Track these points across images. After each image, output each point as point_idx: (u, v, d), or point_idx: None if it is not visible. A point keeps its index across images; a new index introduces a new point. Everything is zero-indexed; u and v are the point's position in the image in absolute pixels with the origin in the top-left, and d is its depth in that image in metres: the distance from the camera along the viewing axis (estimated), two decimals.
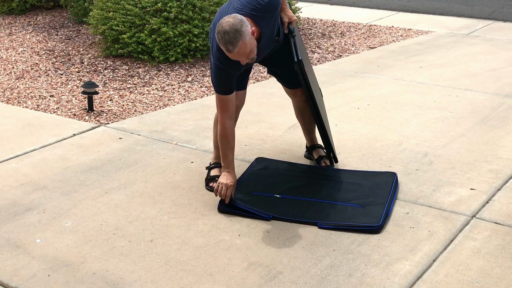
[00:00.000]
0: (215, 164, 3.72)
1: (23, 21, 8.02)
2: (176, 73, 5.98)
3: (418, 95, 5.35)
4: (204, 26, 6.28)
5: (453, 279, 2.79)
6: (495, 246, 3.05)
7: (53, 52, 6.64)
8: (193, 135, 4.44)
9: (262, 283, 2.76)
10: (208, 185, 3.63)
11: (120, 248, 3.02)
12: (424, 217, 3.32)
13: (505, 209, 3.41)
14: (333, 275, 2.82)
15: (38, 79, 5.78)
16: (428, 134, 4.47)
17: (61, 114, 4.91)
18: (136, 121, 4.73)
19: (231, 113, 3.37)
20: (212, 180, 3.63)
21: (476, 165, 3.96)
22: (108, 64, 6.20)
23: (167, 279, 2.78)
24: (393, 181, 3.62)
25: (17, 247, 3.02)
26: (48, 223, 3.24)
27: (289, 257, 2.95)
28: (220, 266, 2.88)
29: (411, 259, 2.94)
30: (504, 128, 4.61)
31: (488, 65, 6.40)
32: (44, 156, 4.06)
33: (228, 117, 3.36)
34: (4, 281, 2.76)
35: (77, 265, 2.88)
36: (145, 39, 6.12)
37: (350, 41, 7.48)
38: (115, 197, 3.52)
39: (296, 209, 3.36)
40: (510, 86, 5.66)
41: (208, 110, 4.97)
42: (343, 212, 3.35)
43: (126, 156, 4.06)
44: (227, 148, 3.40)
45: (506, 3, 10.01)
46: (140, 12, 6.21)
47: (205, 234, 3.15)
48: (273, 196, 3.51)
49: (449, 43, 7.41)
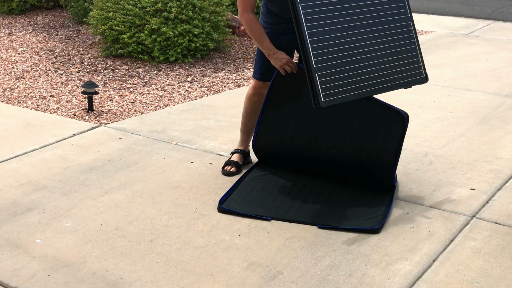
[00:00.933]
0: (236, 150, 3.90)
1: (23, 21, 8.02)
2: (176, 73, 5.98)
3: (418, 95, 5.35)
4: (204, 26, 6.28)
5: (453, 279, 2.79)
6: (495, 246, 3.05)
7: (53, 52, 6.64)
8: (193, 135, 4.44)
9: (262, 283, 2.76)
10: (223, 168, 3.82)
11: (120, 248, 3.02)
12: (424, 217, 3.32)
13: (505, 209, 3.41)
14: (333, 275, 2.82)
15: (38, 79, 5.78)
16: (428, 134, 4.47)
17: (61, 114, 4.91)
18: (136, 121, 4.73)
19: (252, 7, 3.54)
20: (229, 164, 3.82)
21: (476, 165, 3.96)
22: (108, 64, 6.20)
23: (167, 279, 2.78)
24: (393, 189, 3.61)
25: (17, 247, 3.02)
26: (48, 223, 3.24)
27: (289, 257, 2.95)
28: (220, 266, 2.88)
29: (411, 259, 2.94)
30: (504, 128, 4.61)
31: (488, 65, 6.40)
32: (44, 156, 4.06)
33: (250, 10, 3.53)
34: (4, 281, 2.76)
35: (77, 265, 2.88)
36: (145, 39, 6.12)
37: None
38: (115, 197, 3.52)
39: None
40: (510, 86, 5.67)
41: (208, 110, 4.98)
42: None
43: (126, 156, 4.06)
44: (261, 34, 3.50)
45: (506, 3, 10.01)
46: (140, 12, 6.21)
47: (205, 234, 3.15)
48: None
49: (449, 43, 7.41)
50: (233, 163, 3.83)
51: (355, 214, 3.32)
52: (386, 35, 3.40)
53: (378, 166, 3.51)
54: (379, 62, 3.35)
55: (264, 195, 3.52)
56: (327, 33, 3.21)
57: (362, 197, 3.49)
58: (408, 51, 3.47)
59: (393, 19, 3.45)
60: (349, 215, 3.32)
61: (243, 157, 3.89)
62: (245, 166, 3.90)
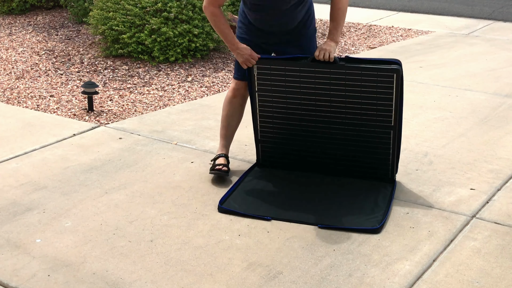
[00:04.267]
0: (220, 154, 3.78)
1: (23, 21, 8.02)
2: (176, 73, 5.98)
3: (418, 95, 5.35)
4: (204, 26, 6.28)
5: (453, 279, 2.79)
6: (495, 246, 3.05)
7: (53, 52, 6.64)
8: (193, 135, 4.44)
9: (262, 283, 2.76)
10: (213, 170, 3.68)
11: (120, 248, 3.02)
12: (424, 217, 3.32)
13: (505, 209, 3.41)
14: (333, 275, 2.82)
15: (38, 79, 5.78)
16: (428, 134, 4.47)
17: (61, 114, 4.91)
18: (136, 121, 4.73)
19: (220, 3, 3.43)
20: (219, 165, 3.69)
21: (476, 165, 3.96)
22: (108, 64, 6.20)
23: (167, 279, 2.78)
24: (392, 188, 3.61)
25: (17, 247, 3.02)
26: (48, 223, 3.24)
27: (289, 257, 2.95)
28: (220, 266, 2.88)
29: (411, 259, 2.94)
30: (504, 128, 4.60)
31: (488, 65, 6.40)
32: (44, 156, 4.06)
33: (217, 5, 3.42)
34: (4, 281, 2.76)
35: (77, 265, 2.88)
36: (145, 39, 6.12)
37: (350, 41, 7.48)
38: (115, 197, 3.52)
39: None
40: (510, 86, 5.66)
41: (208, 110, 4.98)
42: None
43: (126, 156, 4.06)
44: (225, 28, 3.44)
45: (506, 3, 10.01)
46: (140, 12, 6.21)
47: (205, 234, 3.15)
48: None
49: (449, 43, 7.41)
50: (223, 165, 3.70)
51: (355, 214, 3.32)
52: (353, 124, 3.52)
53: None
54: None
55: (264, 195, 3.52)
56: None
57: (362, 197, 3.49)
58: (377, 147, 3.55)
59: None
60: (349, 215, 3.32)
61: (228, 161, 3.78)
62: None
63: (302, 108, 3.58)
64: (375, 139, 3.54)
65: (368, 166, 3.64)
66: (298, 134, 3.68)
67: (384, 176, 3.63)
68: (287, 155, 3.78)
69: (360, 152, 3.61)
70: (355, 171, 3.68)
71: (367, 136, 3.55)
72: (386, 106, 3.43)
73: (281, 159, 3.80)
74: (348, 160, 3.66)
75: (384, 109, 3.44)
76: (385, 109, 3.44)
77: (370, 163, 3.63)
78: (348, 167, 3.68)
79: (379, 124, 3.49)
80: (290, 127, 3.67)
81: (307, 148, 3.71)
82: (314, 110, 3.57)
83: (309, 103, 3.55)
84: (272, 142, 3.77)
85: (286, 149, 3.76)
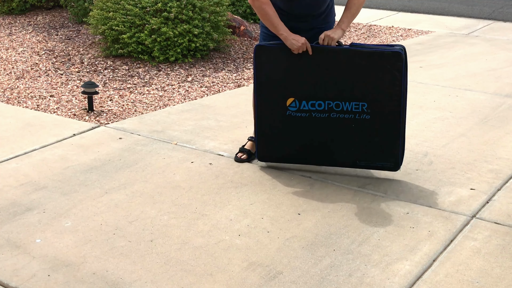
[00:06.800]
0: (251, 137, 4.04)
1: (23, 21, 8.02)
2: (176, 73, 5.98)
3: (418, 95, 5.35)
4: (204, 26, 6.28)
5: (453, 279, 2.79)
6: (495, 246, 3.05)
7: (53, 52, 6.64)
8: (193, 135, 4.44)
9: (262, 283, 2.76)
10: (236, 155, 4.00)
11: (120, 248, 3.02)
12: (424, 217, 3.32)
13: (505, 209, 3.41)
14: (333, 275, 2.82)
15: (38, 79, 5.78)
16: (428, 134, 4.47)
17: (61, 114, 4.91)
18: (136, 121, 4.73)
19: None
20: (242, 151, 4.00)
21: (476, 165, 3.96)
22: (108, 64, 6.20)
23: (167, 279, 2.78)
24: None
25: (17, 247, 3.02)
26: (48, 223, 3.24)
27: (289, 257, 2.95)
28: (220, 266, 2.88)
29: (411, 259, 2.94)
30: (504, 128, 4.61)
31: (488, 65, 6.40)
32: (44, 156, 4.06)
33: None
34: (4, 281, 2.77)
35: (77, 265, 2.88)
36: (145, 39, 6.12)
37: (350, 41, 7.48)
38: (115, 197, 3.53)
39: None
40: (510, 86, 5.67)
41: (208, 110, 4.98)
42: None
43: (126, 156, 4.06)
44: (275, 17, 3.54)
45: (506, 3, 10.02)
46: (140, 12, 6.21)
47: (205, 234, 3.15)
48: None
49: (449, 43, 7.41)
50: (245, 151, 4.00)
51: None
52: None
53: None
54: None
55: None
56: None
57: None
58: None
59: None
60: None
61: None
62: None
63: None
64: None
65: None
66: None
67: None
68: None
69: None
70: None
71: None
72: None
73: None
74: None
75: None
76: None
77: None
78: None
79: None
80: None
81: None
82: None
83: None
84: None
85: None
